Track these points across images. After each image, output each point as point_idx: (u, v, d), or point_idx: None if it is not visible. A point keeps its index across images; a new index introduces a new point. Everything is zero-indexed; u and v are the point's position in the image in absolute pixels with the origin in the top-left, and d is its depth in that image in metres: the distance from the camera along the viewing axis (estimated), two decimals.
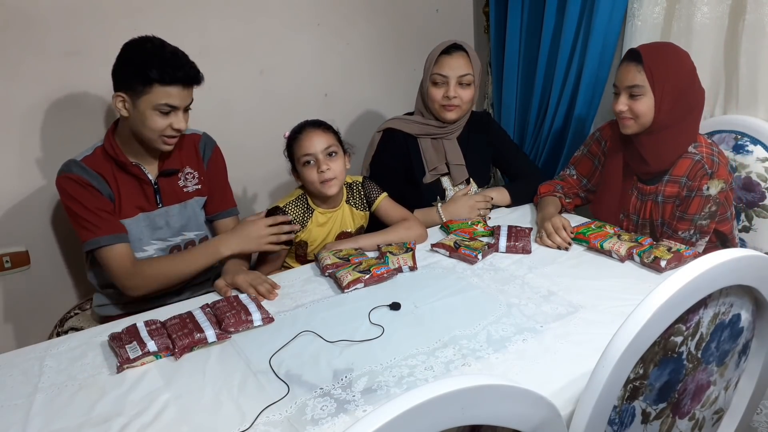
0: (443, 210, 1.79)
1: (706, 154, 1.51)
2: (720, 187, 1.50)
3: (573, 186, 1.82)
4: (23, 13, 1.64)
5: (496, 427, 0.72)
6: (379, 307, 1.31)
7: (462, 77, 1.78)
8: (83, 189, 1.43)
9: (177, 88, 1.39)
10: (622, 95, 1.54)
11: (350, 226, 1.70)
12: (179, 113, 1.42)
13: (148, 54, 1.37)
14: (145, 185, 1.51)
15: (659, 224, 1.61)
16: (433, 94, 1.81)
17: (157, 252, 1.55)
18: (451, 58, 1.78)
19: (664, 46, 1.59)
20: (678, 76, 1.50)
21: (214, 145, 1.63)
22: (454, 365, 1.10)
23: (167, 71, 1.36)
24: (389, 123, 1.91)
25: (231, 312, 1.25)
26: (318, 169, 1.54)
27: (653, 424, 0.96)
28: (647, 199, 1.62)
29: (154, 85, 1.36)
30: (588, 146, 1.80)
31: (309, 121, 1.62)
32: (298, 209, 1.62)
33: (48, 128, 1.74)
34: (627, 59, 1.54)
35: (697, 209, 1.51)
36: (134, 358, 1.12)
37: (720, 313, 0.94)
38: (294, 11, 2.09)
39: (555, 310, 1.27)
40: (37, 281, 1.85)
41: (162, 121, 1.40)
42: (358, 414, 0.97)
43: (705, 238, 1.55)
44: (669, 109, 1.50)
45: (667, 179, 1.56)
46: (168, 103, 1.39)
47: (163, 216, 1.54)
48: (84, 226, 1.43)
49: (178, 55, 1.41)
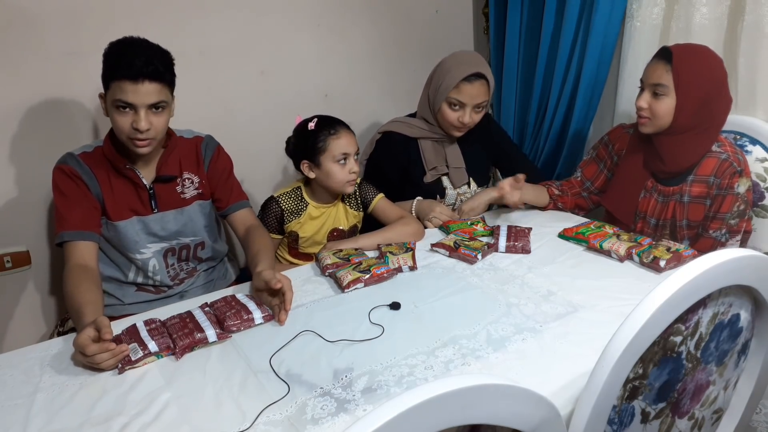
0: (417, 204, 1.83)
1: (731, 153, 1.51)
2: (747, 186, 1.50)
3: (575, 186, 1.82)
4: (23, 13, 1.64)
5: (496, 426, 0.72)
6: (379, 307, 1.31)
7: (479, 104, 1.79)
8: (71, 181, 1.42)
9: (128, 83, 1.31)
10: (645, 92, 1.53)
11: (344, 223, 1.73)
12: (140, 112, 1.33)
13: (113, 52, 1.35)
14: (140, 189, 1.48)
15: (683, 225, 1.59)
16: (447, 116, 1.80)
17: (155, 254, 1.54)
18: (472, 87, 1.76)
19: (699, 49, 1.52)
20: (705, 83, 1.47)
21: (215, 146, 1.61)
22: (453, 365, 1.10)
23: (120, 66, 1.31)
24: (390, 126, 1.91)
25: (231, 311, 1.25)
26: (349, 170, 1.61)
27: (653, 424, 0.96)
28: (670, 200, 1.60)
29: (111, 80, 1.33)
30: (596, 149, 1.80)
31: (340, 120, 1.65)
32: (292, 201, 1.67)
33: (48, 128, 1.74)
34: (658, 56, 1.52)
35: (729, 207, 1.50)
36: (136, 360, 1.12)
37: (719, 312, 0.94)
38: (294, 11, 2.09)
39: (554, 309, 1.28)
40: (38, 281, 1.85)
41: (122, 119, 1.34)
42: (358, 413, 0.97)
43: (735, 238, 1.53)
44: (690, 115, 1.48)
45: (692, 179, 1.55)
46: (121, 98, 1.32)
47: (158, 221, 1.51)
48: (59, 218, 1.42)
49: (139, 52, 1.33)
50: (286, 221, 1.67)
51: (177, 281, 1.60)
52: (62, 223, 1.41)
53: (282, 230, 1.69)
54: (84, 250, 1.41)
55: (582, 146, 2.12)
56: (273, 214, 1.67)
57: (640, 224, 1.68)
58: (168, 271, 1.57)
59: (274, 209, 1.67)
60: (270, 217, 1.68)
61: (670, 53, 1.48)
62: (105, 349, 1.10)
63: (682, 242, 1.59)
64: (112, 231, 1.48)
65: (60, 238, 1.41)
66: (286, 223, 1.68)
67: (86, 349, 1.09)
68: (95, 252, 1.44)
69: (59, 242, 1.41)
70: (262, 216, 1.68)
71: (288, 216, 1.67)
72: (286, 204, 1.66)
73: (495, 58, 2.38)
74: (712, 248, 1.53)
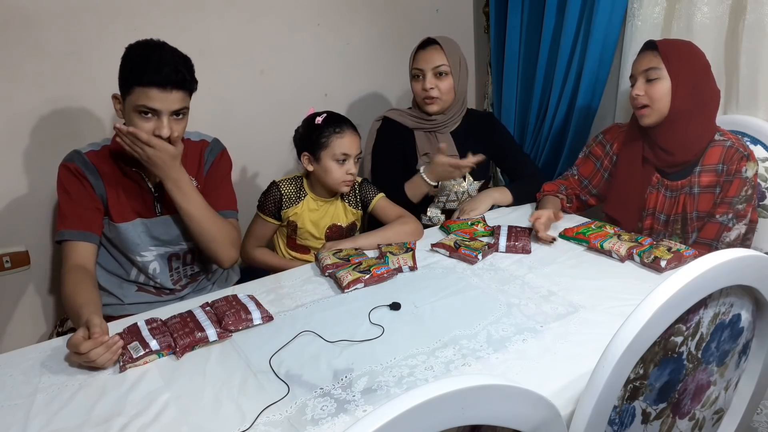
0: (425, 173, 1.81)
1: (735, 140, 1.53)
2: (755, 170, 1.51)
3: (574, 187, 1.82)
4: (23, 13, 1.64)
5: (496, 427, 0.72)
6: (379, 307, 1.31)
7: (437, 68, 1.83)
8: (76, 179, 1.42)
9: (155, 90, 1.30)
10: (638, 80, 1.55)
11: (342, 220, 1.75)
12: (163, 119, 1.34)
13: (136, 55, 1.34)
14: (145, 192, 1.48)
15: (694, 217, 1.58)
16: (414, 89, 1.90)
17: (157, 258, 1.53)
18: (425, 52, 1.86)
19: (680, 40, 1.62)
20: (693, 64, 1.53)
21: (219, 150, 1.59)
22: (454, 365, 1.10)
23: (147, 72, 1.30)
24: (387, 113, 1.98)
25: (231, 311, 1.25)
26: (347, 171, 1.63)
27: (653, 424, 0.96)
28: (679, 193, 1.60)
29: (134, 85, 1.32)
30: (590, 147, 1.80)
31: (348, 120, 1.67)
32: (292, 187, 1.70)
33: (48, 128, 1.74)
34: (643, 48, 1.57)
35: (736, 191, 1.50)
36: (137, 358, 1.12)
37: (720, 313, 0.94)
38: (294, 11, 2.09)
39: (555, 310, 1.27)
40: (37, 281, 1.85)
41: (144, 125, 1.33)
42: (358, 414, 0.97)
43: (741, 222, 1.52)
44: (686, 95, 1.51)
45: (700, 170, 1.55)
46: (146, 105, 1.31)
47: (162, 224, 1.51)
48: (61, 216, 1.42)
49: (165, 58, 1.33)
50: (284, 206, 1.69)
51: (179, 286, 1.59)
52: (64, 221, 1.41)
53: (279, 216, 1.70)
54: (83, 252, 1.40)
55: (583, 146, 2.11)
56: (272, 198, 1.69)
57: (649, 221, 1.66)
58: (171, 275, 1.57)
59: (274, 193, 1.69)
60: (269, 201, 1.69)
61: (654, 43, 1.54)
62: (98, 344, 1.09)
63: (692, 234, 1.58)
64: (114, 232, 1.48)
65: (60, 236, 1.41)
66: (284, 208, 1.69)
67: (79, 347, 1.09)
68: (94, 254, 1.43)
69: (59, 240, 1.41)
70: (262, 199, 1.70)
71: (286, 201, 1.69)
72: (286, 189, 1.69)
73: (495, 58, 2.38)
74: (718, 233, 1.52)
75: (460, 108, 1.94)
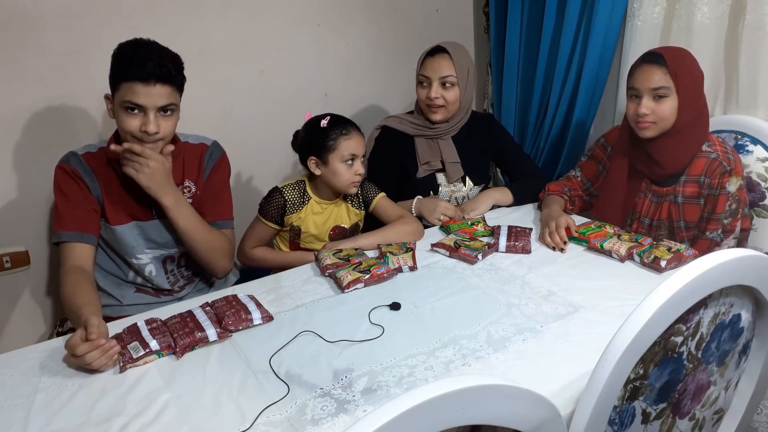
0: (418, 202, 1.84)
1: (721, 152, 1.52)
2: (738, 184, 1.51)
3: (577, 188, 1.82)
4: (23, 13, 1.63)
5: (496, 427, 0.72)
6: (379, 307, 1.31)
7: (444, 78, 1.81)
8: (72, 181, 1.41)
9: (140, 85, 1.30)
10: (644, 98, 1.51)
11: (346, 221, 1.74)
12: (149, 114, 1.33)
13: (124, 53, 1.33)
14: (140, 195, 1.45)
15: (681, 227, 1.60)
16: (419, 94, 1.88)
17: (153, 260, 1.52)
18: (434, 60, 1.82)
19: (681, 49, 1.58)
20: (697, 79, 1.53)
21: (220, 155, 1.58)
22: (454, 365, 1.10)
23: (132, 67, 1.30)
24: (386, 121, 1.95)
25: (230, 311, 1.25)
26: (355, 171, 1.62)
27: (653, 425, 0.96)
28: (664, 200, 1.61)
29: (120, 81, 1.32)
30: (592, 150, 1.80)
31: (352, 121, 1.66)
32: (295, 193, 1.67)
33: (47, 128, 1.74)
34: (648, 61, 1.52)
35: (723, 208, 1.51)
36: (137, 358, 1.12)
37: (720, 313, 0.94)
38: (294, 11, 2.09)
39: (555, 310, 1.27)
40: (37, 281, 1.85)
41: (130, 121, 1.33)
42: (358, 414, 0.97)
43: (730, 237, 1.54)
44: (690, 111, 1.51)
45: (685, 179, 1.56)
46: (131, 100, 1.31)
47: (157, 228, 1.50)
48: (57, 217, 1.41)
49: (151, 54, 1.31)
50: (287, 212, 1.66)
51: (177, 287, 1.59)
52: (61, 222, 1.41)
53: (282, 222, 1.68)
54: (81, 253, 1.40)
55: (583, 146, 2.11)
56: (275, 205, 1.66)
57: (635, 225, 1.68)
58: (168, 278, 1.56)
59: (277, 199, 1.66)
60: (272, 207, 1.66)
61: (660, 56, 1.50)
62: (94, 347, 1.08)
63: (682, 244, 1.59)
64: (110, 234, 1.47)
65: (58, 237, 1.40)
66: (287, 214, 1.67)
67: (75, 349, 1.08)
68: (92, 255, 1.43)
69: (56, 241, 1.41)
70: (264, 205, 1.67)
71: (290, 207, 1.66)
72: (290, 195, 1.66)
73: (495, 58, 2.37)
74: (709, 249, 1.54)
75: (465, 115, 1.91)
